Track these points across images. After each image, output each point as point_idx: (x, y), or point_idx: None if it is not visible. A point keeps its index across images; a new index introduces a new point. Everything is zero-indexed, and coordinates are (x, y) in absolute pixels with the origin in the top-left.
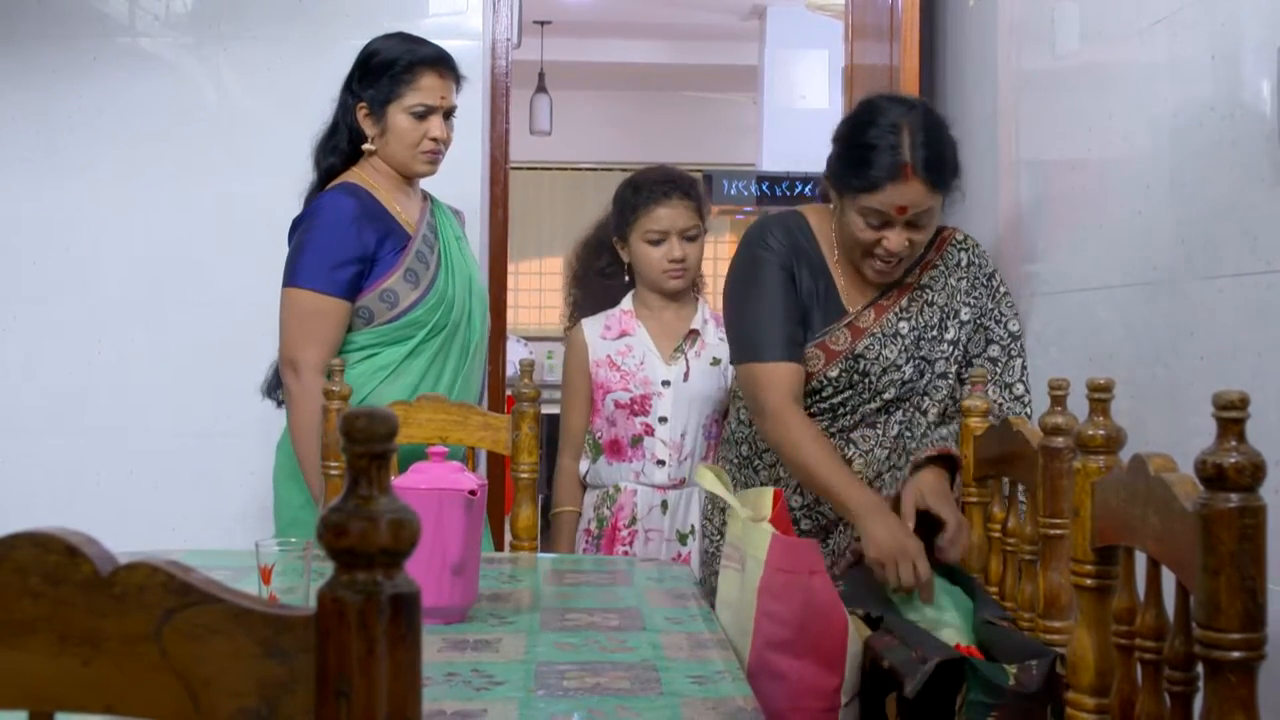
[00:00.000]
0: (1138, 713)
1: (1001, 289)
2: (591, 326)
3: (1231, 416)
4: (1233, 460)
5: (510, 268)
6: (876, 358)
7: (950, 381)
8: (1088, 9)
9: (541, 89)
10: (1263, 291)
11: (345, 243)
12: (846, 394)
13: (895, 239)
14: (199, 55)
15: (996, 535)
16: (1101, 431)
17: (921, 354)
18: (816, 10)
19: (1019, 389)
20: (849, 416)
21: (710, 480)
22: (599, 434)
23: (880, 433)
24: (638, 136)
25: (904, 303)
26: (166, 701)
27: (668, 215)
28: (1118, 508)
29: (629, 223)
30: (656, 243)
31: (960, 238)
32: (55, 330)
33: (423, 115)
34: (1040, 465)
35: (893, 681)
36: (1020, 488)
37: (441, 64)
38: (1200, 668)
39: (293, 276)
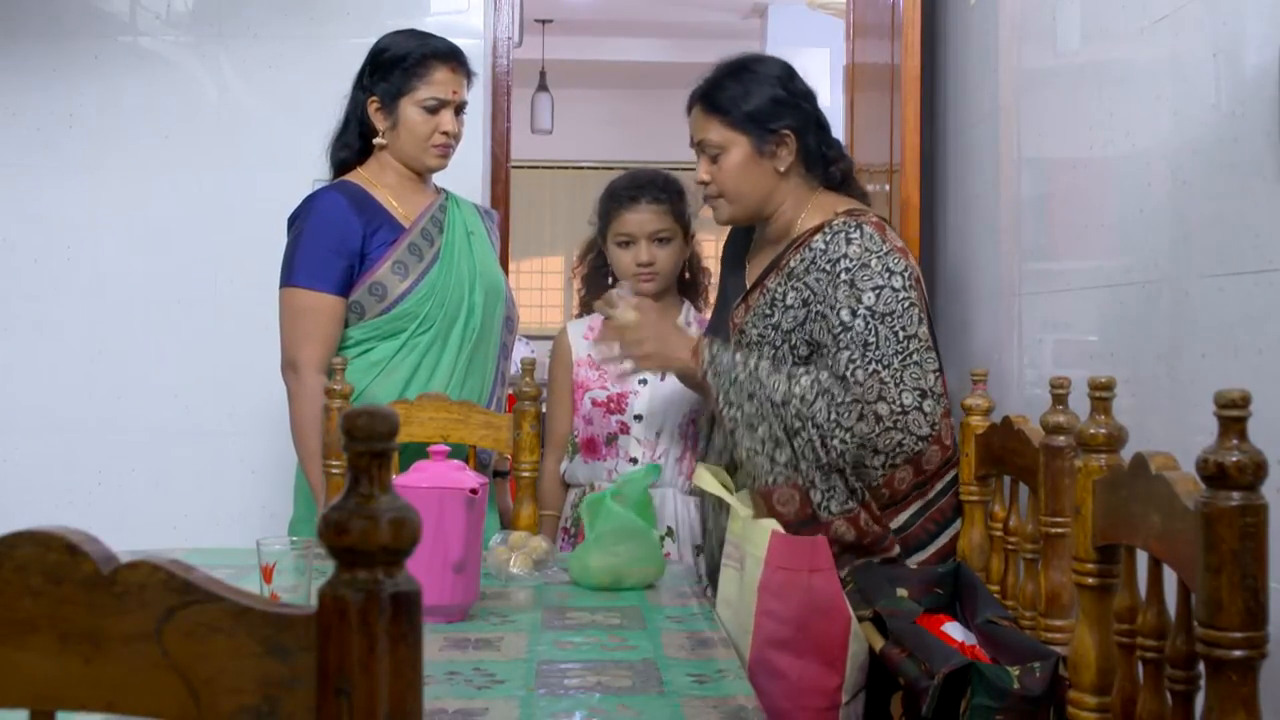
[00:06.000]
0: (1139, 711)
1: (846, 275)
2: (575, 329)
3: (1233, 415)
4: (1234, 459)
5: (512, 266)
6: (741, 334)
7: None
8: (1089, 7)
9: (543, 87)
10: (1265, 289)
11: (333, 238)
12: None
13: (700, 169)
14: (200, 54)
15: (998, 534)
16: (1103, 430)
17: (757, 332)
18: (817, 8)
19: (849, 380)
20: None
21: (709, 480)
22: (577, 433)
23: None
24: (639, 135)
25: (773, 283)
26: (167, 700)
27: (634, 220)
28: (1119, 506)
29: (604, 226)
30: (625, 246)
31: (835, 223)
32: (55, 330)
33: (434, 109)
34: (1041, 464)
35: (897, 681)
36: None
37: (453, 59)
38: (1202, 666)
39: (285, 275)
